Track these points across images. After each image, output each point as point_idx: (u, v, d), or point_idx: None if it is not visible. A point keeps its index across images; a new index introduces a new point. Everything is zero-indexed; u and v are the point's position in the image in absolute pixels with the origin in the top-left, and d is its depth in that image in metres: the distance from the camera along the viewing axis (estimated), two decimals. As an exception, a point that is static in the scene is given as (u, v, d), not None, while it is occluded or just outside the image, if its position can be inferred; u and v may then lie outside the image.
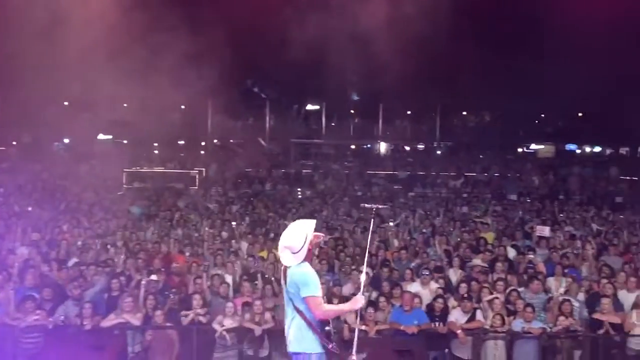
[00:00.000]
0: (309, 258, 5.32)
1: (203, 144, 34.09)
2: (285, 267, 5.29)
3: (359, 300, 5.38)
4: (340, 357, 5.34)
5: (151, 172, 24.01)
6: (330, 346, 5.15)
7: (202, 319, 8.87)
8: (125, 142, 29.76)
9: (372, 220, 7.09)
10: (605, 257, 12.05)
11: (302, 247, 5.19)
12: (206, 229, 13.46)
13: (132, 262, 10.66)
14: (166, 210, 16.24)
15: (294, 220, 14.79)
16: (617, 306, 9.47)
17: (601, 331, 8.89)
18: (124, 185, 21.67)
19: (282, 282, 5.36)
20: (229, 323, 8.77)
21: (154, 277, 9.77)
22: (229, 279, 10.49)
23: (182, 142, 32.52)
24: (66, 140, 30.09)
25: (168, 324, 8.92)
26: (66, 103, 24.09)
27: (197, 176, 23.17)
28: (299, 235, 5.22)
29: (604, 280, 10.01)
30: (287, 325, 5.29)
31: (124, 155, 23.93)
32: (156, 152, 30.01)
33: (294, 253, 5.20)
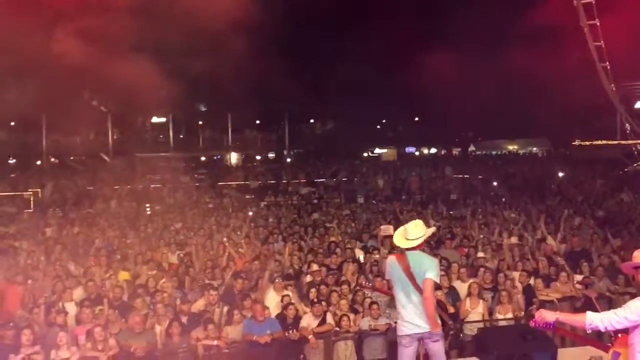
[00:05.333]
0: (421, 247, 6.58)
1: (39, 162, 31.61)
2: (401, 255, 6.42)
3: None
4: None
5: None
6: (450, 322, 6.62)
7: (37, 357, 8.10)
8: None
9: None
10: (442, 250, 12.92)
11: (420, 236, 6.43)
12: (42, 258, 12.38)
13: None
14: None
15: (141, 237, 13.91)
16: (454, 295, 10.20)
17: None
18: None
19: (399, 267, 6.31)
20: (63, 355, 8.11)
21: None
22: (70, 306, 9.78)
23: (13, 161, 29.89)
24: None
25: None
26: None
27: (31, 198, 21.32)
28: (418, 227, 6.50)
29: (441, 274, 10.70)
30: (410, 309, 6.27)
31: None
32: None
33: (408, 239, 6.42)
